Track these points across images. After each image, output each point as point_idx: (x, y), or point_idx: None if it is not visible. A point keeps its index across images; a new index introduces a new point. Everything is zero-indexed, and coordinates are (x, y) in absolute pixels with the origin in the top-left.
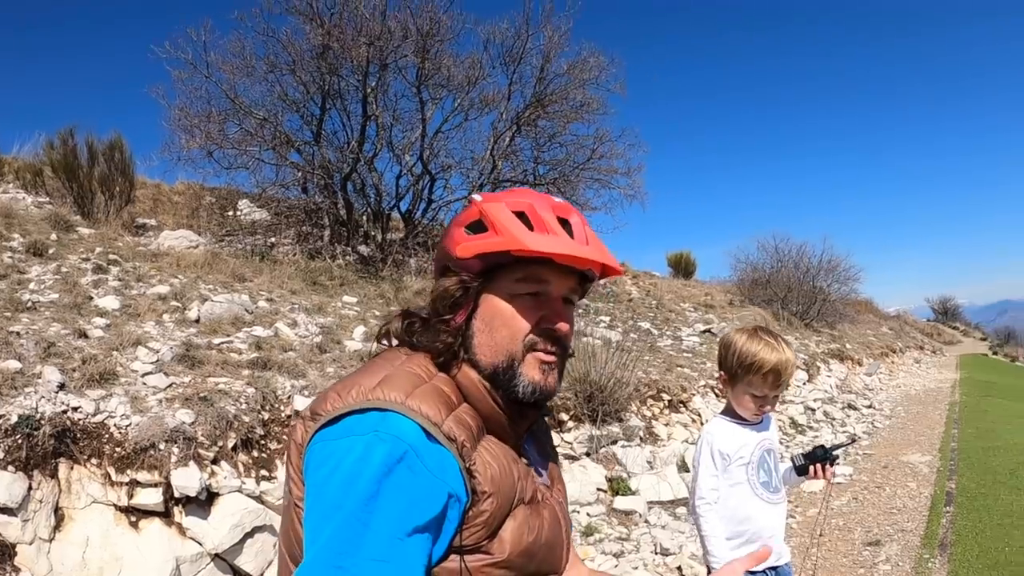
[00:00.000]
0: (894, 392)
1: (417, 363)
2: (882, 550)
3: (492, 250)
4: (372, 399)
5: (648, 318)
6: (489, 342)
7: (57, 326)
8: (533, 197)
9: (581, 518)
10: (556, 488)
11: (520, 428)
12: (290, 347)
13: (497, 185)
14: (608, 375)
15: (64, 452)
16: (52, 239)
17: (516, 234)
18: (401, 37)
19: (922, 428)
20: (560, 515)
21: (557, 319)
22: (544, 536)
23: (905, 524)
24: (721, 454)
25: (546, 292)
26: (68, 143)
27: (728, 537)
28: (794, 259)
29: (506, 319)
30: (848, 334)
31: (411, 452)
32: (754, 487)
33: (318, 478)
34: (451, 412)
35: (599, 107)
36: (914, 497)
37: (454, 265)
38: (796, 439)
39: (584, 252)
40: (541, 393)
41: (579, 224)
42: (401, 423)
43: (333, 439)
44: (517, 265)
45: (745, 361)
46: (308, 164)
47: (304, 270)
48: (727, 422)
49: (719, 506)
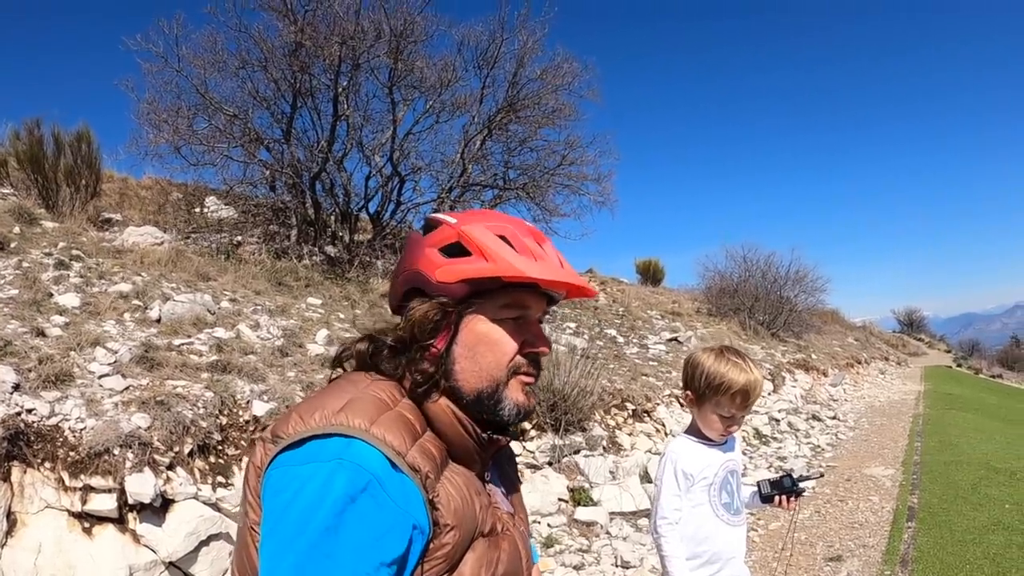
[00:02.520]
0: (859, 403)
1: (382, 388)
2: (843, 565)
3: (482, 276)
4: (336, 424)
5: (615, 325)
6: (473, 368)
7: (15, 324)
8: (508, 220)
9: (542, 528)
10: (518, 517)
11: (487, 455)
12: (251, 350)
13: (466, 189)
14: (572, 384)
15: (17, 455)
16: (15, 232)
17: (509, 260)
18: (374, 37)
19: (886, 440)
20: (521, 546)
21: (541, 344)
22: (502, 570)
23: (867, 539)
24: (685, 474)
25: (526, 316)
26: (34, 134)
27: (688, 558)
28: (762, 269)
29: (491, 345)
30: (814, 344)
31: (375, 482)
32: (715, 508)
33: (277, 505)
34: (415, 441)
35: (571, 113)
36: (876, 512)
37: (431, 290)
38: (760, 450)
39: (568, 277)
40: (524, 414)
41: (551, 248)
42: (365, 452)
43: (294, 464)
44: (502, 290)
45: (713, 382)
46: (277, 162)
47: (270, 270)
48: (692, 442)
49: (679, 526)
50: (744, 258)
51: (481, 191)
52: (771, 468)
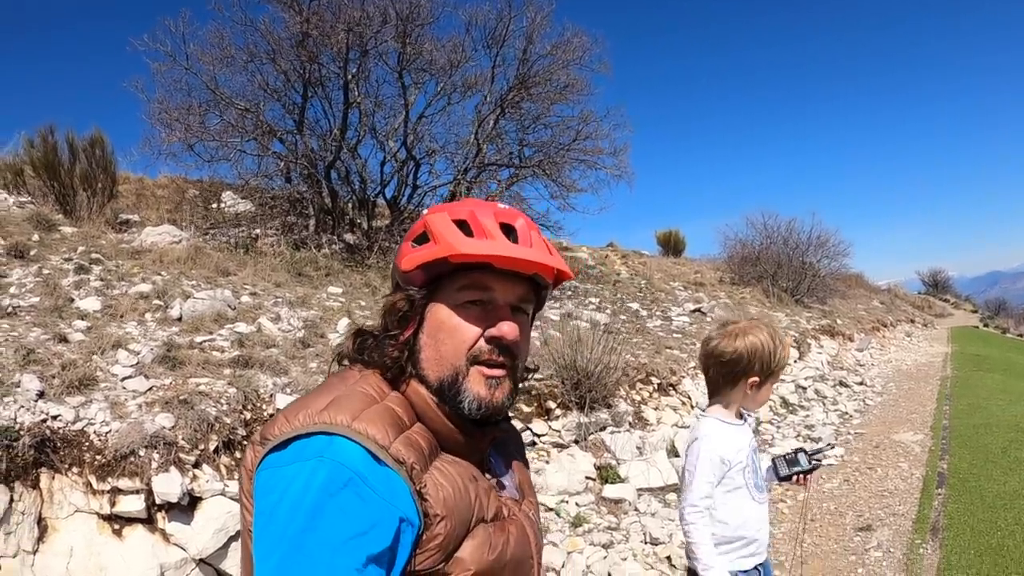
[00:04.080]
0: (885, 367)
1: (370, 382)
2: (873, 535)
3: (430, 259)
4: (318, 422)
5: (637, 298)
6: (435, 356)
7: (37, 331)
8: (476, 205)
9: (570, 508)
10: (527, 501)
11: (480, 443)
12: (273, 343)
13: (482, 169)
14: (595, 360)
15: (45, 462)
16: (34, 240)
17: (450, 240)
18: (380, 22)
19: (914, 405)
20: (529, 530)
21: (501, 325)
22: (510, 553)
23: (897, 507)
24: (722, 460)
25: (491, 300)
26: (48, 141)
27: (726, 542)
28: (783, 235)
29: (450, 330)
30: (839, 309)
31: (356, 478)
32: (750, 490)
33: (265, 506)
34: (401, 433)
35: (583, 88)
36: (906, 478)
37: (401, 280)
38: (787, 419)
39: (523, 254)
40: (487, 409)
41: (524, 228)
42: (347, 448)
43: (280, 466)
44: (458, 273)
45: (782, 361)
46: (291, 153)
47: (289, 261)
48: (723, 424)
49: (716, 512)
50: (764, 225)
51: (497, 171)
52: (799, 437)
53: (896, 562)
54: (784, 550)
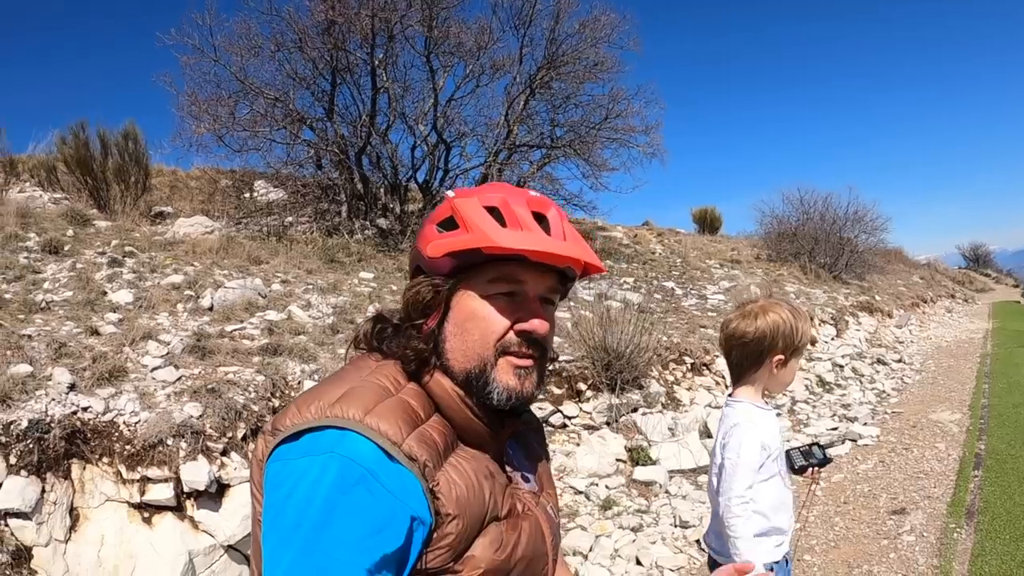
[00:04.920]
0: (925, 344)
1: (386, 373)
2: (907, 519)
3: (462, 248)
4: (330, 416)
5: (673, 277)
6: (461, 347)
7: (70, 325)
8: (508, 192)
9: (600, 491)
10: (545, 493)
11: (500, 435)
12: (302, 330)
13: (514, 150)
14: (627, 341)
15: (76, 453)
16: (68, 235)
17: (487, 230)
18: (405, 6)
19: (953, 383)
20: (544, 526)
21: (532, 319)
22: (521, 551)
23: (932, 490)
24: (763, 446)
25: (521, 292)
26: (80, 137)
27: (762, 534)
28: (820, 211)
29: (478, 322)
30: (878, 285)
31: (368, 475)
32: (783, 478)
33: (276, 499)
34: (415, 428)
35: (613, 65)
36: (942, 460)
37: (425, 265)
38: (823, 398)
39: (559, 248)
40: (517, 399)
41: (556, 219)
42: (359, 444)
43: (290, 459)
44: (490, 264)
45: (805, 338)
46: (322, 140)
47: (321, 248)
48: (759, 409)
49: (754, 503)
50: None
51: (529, 152)
52: (834, 417)
53: (929, 547)
54: (816, 534)
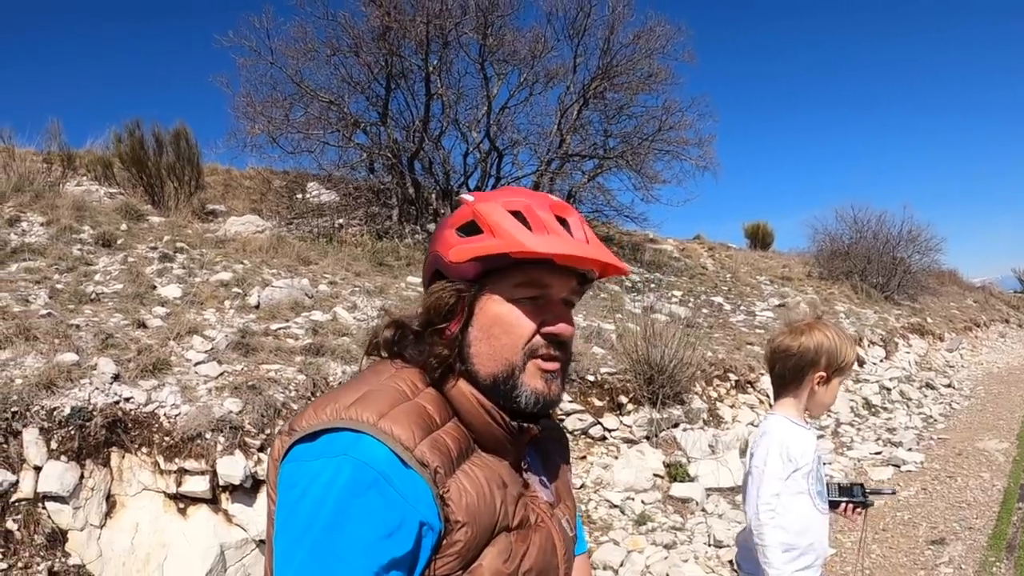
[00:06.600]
0: (975, 370)
1: (404, 377)
2: (945, 550)
3: (489, 253)
4: (345, 418)
5: (722, 292)
6: (487, 351)
7: (118, 316)
8: (529, 196)
9: (635, 506)
10: (562, 505)
11: (520, 441)
12: (346, 331)
13: (566, 160)
14: (671, 355)
15: (116, 441)
16: (121, 229)
17: (516, 235)
18: (461, 14)
19: (1002, 411)
20: (557, 539)
21: (559, 323)
22: (529, 563)
23: (973, 520)
24: (790, 457)
25: (546, 295)
26: (135, 135)
27: (784, 550)
28: (873, 229)
29: (505, 326)
30: (930, 307)
31: (381, 479)
32: (812, 497)
33: (289, 499)
34: (429, 434)
35: (667, 77)
36: (986, 490)
37: (446, 270)
38: (868, 421)
39: (585, 251)
40: (545, 403)
41: (577, 223)
42: (372, 447)
43: (306, 460)
44: (516, 268)
45: (849, 358)
46: (375, 144)
47: (371, 251)
48: (790, 423)
49: (779, 515)
50: (855, 218)
51: (581, 162)
52: (879, 440)
53: None
54: (851, 560)
